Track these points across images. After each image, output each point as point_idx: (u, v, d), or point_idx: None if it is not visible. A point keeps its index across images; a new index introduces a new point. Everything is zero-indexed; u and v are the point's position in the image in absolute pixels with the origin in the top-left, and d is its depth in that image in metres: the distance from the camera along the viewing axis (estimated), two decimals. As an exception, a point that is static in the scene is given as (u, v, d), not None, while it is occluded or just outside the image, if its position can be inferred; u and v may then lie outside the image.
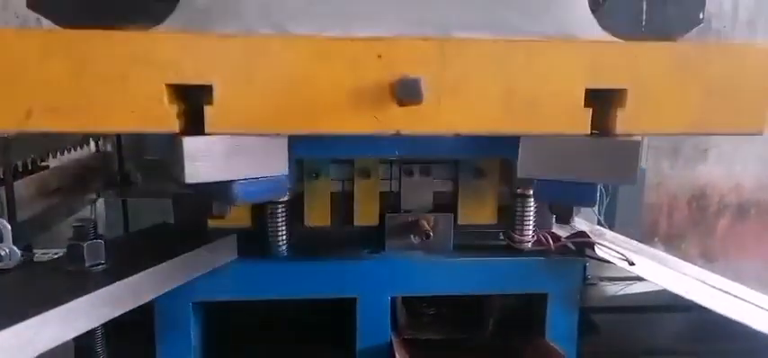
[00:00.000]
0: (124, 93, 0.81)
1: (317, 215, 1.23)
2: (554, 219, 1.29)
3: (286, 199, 1.14)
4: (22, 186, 1.21)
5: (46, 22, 1.15)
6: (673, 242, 3.54)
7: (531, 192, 1.17)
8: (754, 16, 3.27)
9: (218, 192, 0.89)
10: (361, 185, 1.22)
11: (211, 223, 1.18)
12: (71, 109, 0.81)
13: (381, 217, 1.23)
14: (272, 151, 0.90)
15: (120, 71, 0.80)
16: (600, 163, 0.91)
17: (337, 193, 1.23)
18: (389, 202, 1.25)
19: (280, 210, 1.15)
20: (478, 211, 1.26)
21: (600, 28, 0.99)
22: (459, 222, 1.25)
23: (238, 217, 1.18)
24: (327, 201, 1.23)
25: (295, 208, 1.20)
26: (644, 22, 1.13)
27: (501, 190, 1.25)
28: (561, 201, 1.02)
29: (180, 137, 0.82)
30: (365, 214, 1.24)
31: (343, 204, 1.24)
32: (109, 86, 0.80)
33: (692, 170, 3.50)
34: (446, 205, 1.25)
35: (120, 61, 0.80)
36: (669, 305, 1.42)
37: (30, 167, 1.25)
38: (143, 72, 0.80)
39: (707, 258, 3.55)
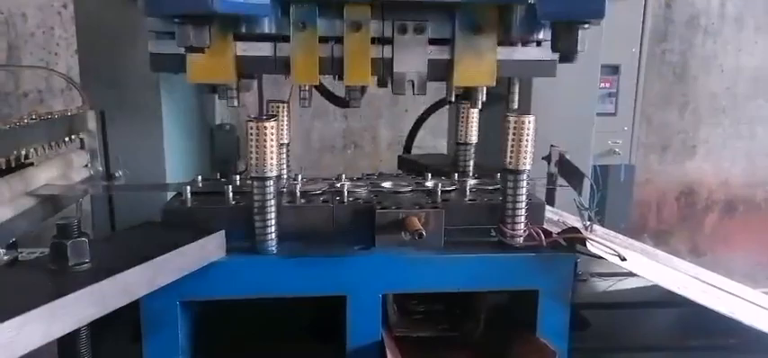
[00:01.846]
0: None
1: (306, 72, 1.19)
2: (546, 214, 1.29)
3: (275, 175, 1.11)
4: (5, 184, 1.18)
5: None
6: (661, 238, 3.56)
7: (523, 184, 1.16)
8: (742, 12, 3.29)
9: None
10: (352, 39, 1.17)
11: (191, 74, 1.16)
12: None
13: (377, 79, 1.22)
14: None
15: None
16: None
17: (327, 58, 1.20)
18: (382, 69, 1.21)
19: (269, 205, 1.13)
20: (476, 72, 1.21)
21: None
22: (456, 83, 1.22)
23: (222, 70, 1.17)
24: (315, 55, 1.18)
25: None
26: None
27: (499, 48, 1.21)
28: (566, 13, 0.98)
29: None
30: (356, 72, 1.19)
31: (332, 65, 1.20)
32: None
33: (681, 166, 3.52)
34: (441, 73, 1.23)
35: None
36: (660, 301, 1.42)
37: (13, 165, 1.23)
38: None
39: (695, 254, 3.57)
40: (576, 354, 1.23)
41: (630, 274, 1.38)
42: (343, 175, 1.38)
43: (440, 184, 1.31)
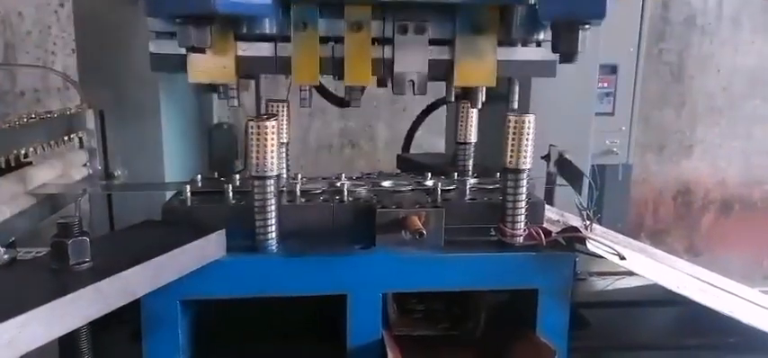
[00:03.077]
0: None
1: (306, 71, 1.19)
2: (546, 214, 1.29)
3: (275, 174, 1.11)
4: (4, 183, 1.18)
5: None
6: (658, 237, 3.57)
7: (523, 182, 1.16)
8: (739, 13, 3.30)
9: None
10: (353, 39, 1.17)
11: (192, 74, 1.16)
12: None
13: (377, 80, 1.23)
14: None
15: None
16: None
17: (327, 58, 1.20)
18: (383, 69, 1.21)
19: (269, 202, 1.13)
20: (476, 72, 1.22)
21: None
22: (456, 84, 1.23)
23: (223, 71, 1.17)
24: (316, 55, 1.18)
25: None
26: None
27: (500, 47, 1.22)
28: (568, 13, 0.99)
29: None
30: (356, 72, 1.19)
31: (333, 65, 1.20)
32: None
33: (677, 166, 3.53)
34: (441, 74, 1.23)
35: None
36: (659, 300, 1.43)
37: (12, 164, 1.22)
38: None
39: (692, 253, 3.58)
40: (575, 353, 1.23)
41: (629, 273, 1.38)
42: (343, 175, 1.38)
43: (440, 184, 1.31)
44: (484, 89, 1.29)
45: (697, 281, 1.20)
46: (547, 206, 1.35)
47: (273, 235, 1.15)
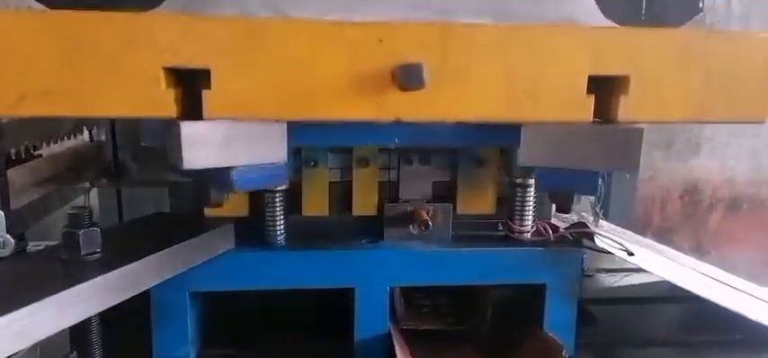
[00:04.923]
0: (119, 76, 0.79)
1: (315, 204, 1.22)
2: (554, 209, 1.29)
3: (284, 187, 1.12)
4: (15, 175, 1.19)
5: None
6: (665, 235, 3.54)
7: (531, 181, 1.17)
8: (748, 10, 3.28)
9: (216, 178, 0.88)
10: (360, 174, 1.21)
11: (208, 212, 1.16)
12: (64, 93, 0.79)
13: (380, 207, 1.22)
14: (271, 137, 0.89)
15: (115, 53, 0.79)
16: (602, 150, 0.92)
17: (336, 183, 1.22)
18: (388, 192, 1.23)
19: (278, 199, 1.13)
20: (477, 201, 1.25)
21: (601, 15, 0.98)
22: (458, 212, 1.24)
23: (235, 205, 1.17)
24: (326, 190, 1.21)
25: (292, 197, 1.19)
26: (644, 10, 1.12)
27: (500, 179, 1.24)
28: (563, 189, 1.02)
29: (177, 122, 0.81)
30: (364, 203, 1.22)
31: (341, 193, 1.23)
32: (103, 69, 0.79)
33: (685, 163, 3.51)
34: (445, 195, 1.24)
35: (115, 43, 0.79)
36: (666, 296, 1.42)
37: (23, 155, 1.23)
38: (139, 54, 0.79)
39: (699, 252, 3.55)
40: (582, 349, 1.23)
41: (637, 270, 1.38)
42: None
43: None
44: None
45: (705, 278, 1.20)
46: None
47: (282, 227, 1.15)
